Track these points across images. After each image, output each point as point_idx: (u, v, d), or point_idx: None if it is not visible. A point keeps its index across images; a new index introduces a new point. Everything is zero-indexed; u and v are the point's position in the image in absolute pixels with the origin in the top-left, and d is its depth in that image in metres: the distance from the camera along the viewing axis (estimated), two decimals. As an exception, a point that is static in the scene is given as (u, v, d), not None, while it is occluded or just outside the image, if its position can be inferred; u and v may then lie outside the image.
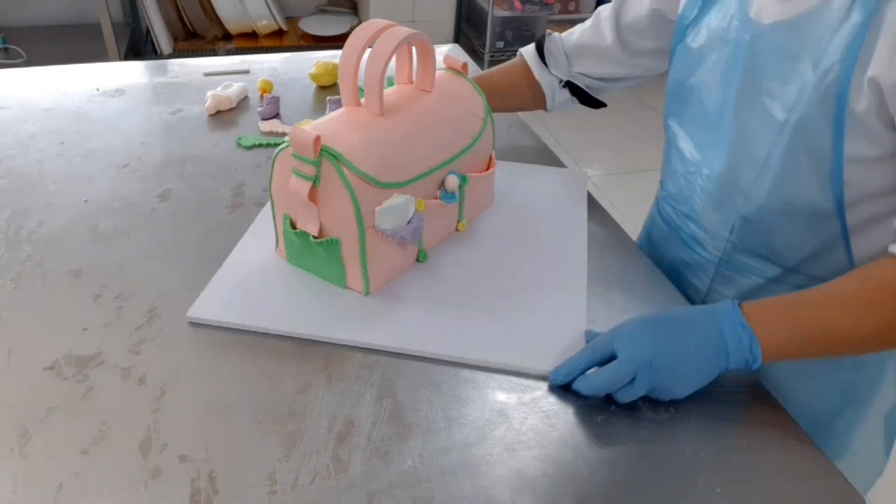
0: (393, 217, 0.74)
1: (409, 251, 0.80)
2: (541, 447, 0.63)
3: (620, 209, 2.26)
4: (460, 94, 0.85)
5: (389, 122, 0.76)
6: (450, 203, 0.82)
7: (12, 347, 0.70)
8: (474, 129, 0.85)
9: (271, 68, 1.29)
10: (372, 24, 0.75)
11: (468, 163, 0.85)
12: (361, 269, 0.75)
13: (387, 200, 0.74)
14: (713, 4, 0.79)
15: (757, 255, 0.81)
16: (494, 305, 0.77)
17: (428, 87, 0.82)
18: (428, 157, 0.79)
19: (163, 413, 0.64)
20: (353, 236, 0.72)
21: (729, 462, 0.63)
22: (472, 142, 0.84)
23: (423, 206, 0.78)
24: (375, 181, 0.72)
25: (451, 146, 0.82)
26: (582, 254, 0.85)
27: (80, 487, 0.57)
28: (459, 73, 0.87)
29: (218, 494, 0.57)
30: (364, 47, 0.74)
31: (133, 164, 1.00)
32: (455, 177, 0.82)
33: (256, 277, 0.79)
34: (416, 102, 0.81)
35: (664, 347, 0.65)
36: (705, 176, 0.82)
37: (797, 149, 0.71)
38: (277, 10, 3.08)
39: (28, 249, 0.83)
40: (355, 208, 0.70)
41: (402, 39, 0.74)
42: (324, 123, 0.74)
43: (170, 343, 0.71)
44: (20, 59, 2.65)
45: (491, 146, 0.90)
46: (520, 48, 1.05)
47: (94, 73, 1.24)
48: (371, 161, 0.72)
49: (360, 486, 0.59)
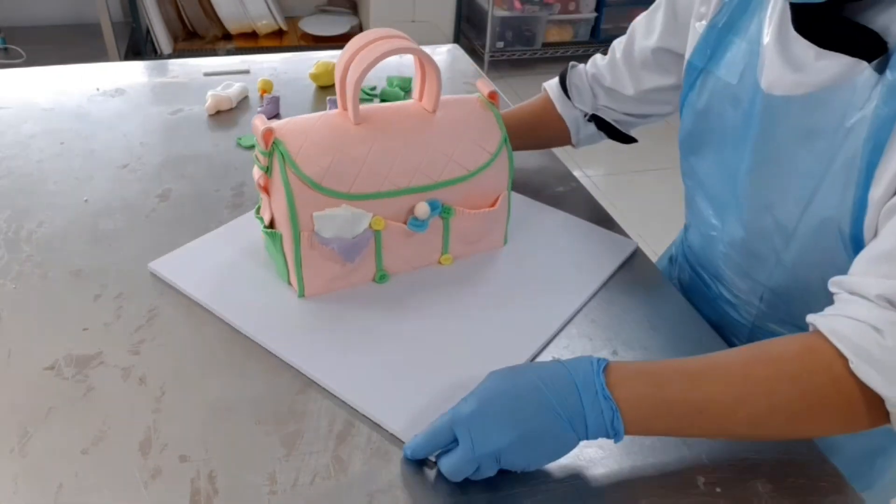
0: (333, 227, 0.72)
1: (356, 267, 0.76)
2: (541, 447, 0.63)
3: (621, 209, 2.26)
4: (469, 123, 0.78)
5: (362, 132, 0.73)
6: (416, 231, 0.76)
7: (12, 347, 0.70)
8: (475, 161, 0.77)
9: (271, 68, 1.29)
10: (373, 32, 0.74)
11: (462, 195, 0.78)
12: (296, 271, 0.75)
13: (330, 209, 0.71)
14: (722, 57, 0.73)
15: (792, 324, 0.76)
16: (400, 351, 0.71)
17: (430, 107, 0.77)
18: (397, 177, 0.73)
19: (163, 413, 0.64)
20: (289, 235, 0.72)
21: (729, 462, 0.63)
22: (469, 174, 0.77)
23: (382, 226, 0.74)
24: (317, 185, 0.70)
25: (434, 173, 0.75)
26: (550, 329, 0.75)
27: (80, 487, 0.57)
28: (489, 103, 0.80)
29: (218, 494, 0.57)
30: (357, 52, 0.73)
31: (133, 164, 1.00)
32: (426, 205, 0.75)
33: (225, 254, 0.82)
34: (408, 119, 0.76)
35: (510, 432, 0.55)
36: (727, 244, 0.78)
37: (823, 223, 0.65)
38: (277, 10, 3.08)
39: (28, 249, 0.83)
40: (290, 207, 0.70)
41: (386, 51, 0.71)
42: (297, 120, 0.74)
43: (170, 343, 0.71)
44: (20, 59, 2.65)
45: (502, 185, 0.81)
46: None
47: (94, 73, 1.24)
48: (317, 165, 0.70)
49: (360, 486, 0.59)
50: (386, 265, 0.79)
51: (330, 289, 0.77)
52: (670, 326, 0.77)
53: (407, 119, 0.76)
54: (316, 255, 0.74)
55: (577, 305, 0.78)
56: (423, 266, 0.82)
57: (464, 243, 0.82)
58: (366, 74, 0.71)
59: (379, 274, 0.79)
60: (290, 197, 0.70)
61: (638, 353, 0.73)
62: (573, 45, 3.39)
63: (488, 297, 0.79)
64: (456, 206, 0.78)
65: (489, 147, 0.78)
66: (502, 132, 0.80)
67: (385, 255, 0.78)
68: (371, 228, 0.74)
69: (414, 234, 0.77)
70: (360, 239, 0.74)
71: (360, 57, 0.72)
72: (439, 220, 0.78)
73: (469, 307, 0.77)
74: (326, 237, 0.72)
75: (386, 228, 0.75)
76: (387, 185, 0.73)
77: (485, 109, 0.80)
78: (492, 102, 0.80)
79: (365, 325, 0.74)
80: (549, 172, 1.04)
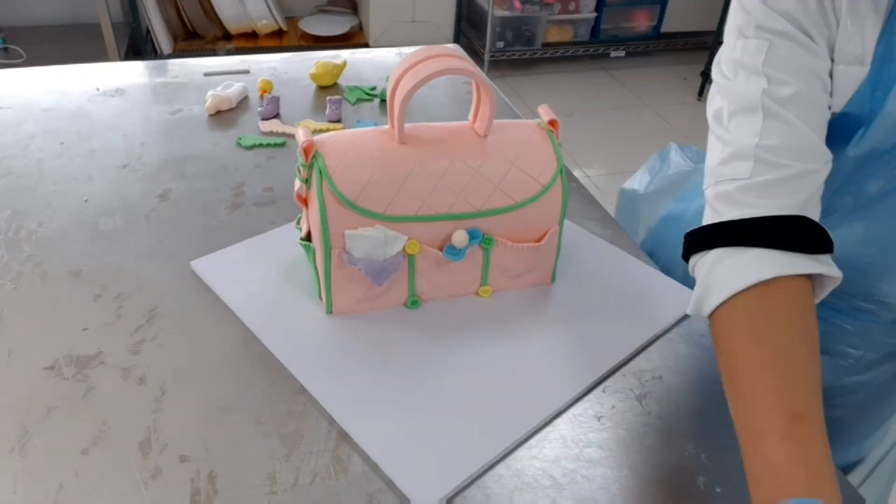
0: (365, 247, 0.70)
1: (386, 289, 0.74)
2: (540, 447, 0.63)
3: (620, 209, 2.26)
4: (523, 151, 0.73)
5: (405, 152, 0.70)
6: (453, 259, 0.73)
7: (12, 347, 0.70)
8: (524, 192, 0.72)
9: (271, 68, 1.29)
10: (429, 49, 0.71)
11: (506, 227, 0.74)
12: (326, 287, 0.73)
13: (363, 228, 0.70)
14: (876, 115, 0.63)
15: None
16: (420, 387, 0.67)
17: (482, 131, 0.73)
18: (437, 202, 0.70)
19: (163, 413, 0.64)
20: (321, 251, 0.71)
21: (729, 462, 0.63)
22: (515, 205, 0.72)
23: (417, 251, 0.72)
24: (351, 204, 0.68)
25: (477, 200, 0.71)
26: (584, 381, 0.69)
27: (80, 487, 0.57)
28: (548, 131, 0.75)
29: (218, 494, 0.57)
30: (410, 69, 0.69)
31: (133, 164, 1.00)
32: (465, 233, 0.72)
33: (265, 262, 0.81)
34: (455, 142, 0.72)
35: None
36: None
37: None
38: (277, 10, 3.08)
39: (28, 249, 0.83)
40: (322, 223, 0.69)
41: (438, 71, 0.67)
42: (341, 134, 0.72)
43: (170, 343, 0.71)
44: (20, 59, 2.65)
45: (553, 220, 0.76)
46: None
47: (94, 73, 1.24)
48: (354, 183, 0.68)
49: (360, 486, 0.59)
50: (419, 291, 0.76)
51: (358, 309, 0.75)
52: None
53: (454, 141, 0.73)
54: (345, 273, 0.72)
55: (621, 358, 0.72)
56: (460, 296, 0.78)
57: (505, 277, 0.78)
58: (414, 92, 0.68)
59: (411, 299, 0.76)
60: (324, 213, 0.68)
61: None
62: (573, 45, 3.39)
63: (524, 336, 0.74)
64: (498, 237, 0.74)
65: (542, 178, 0.73)
66: (559, 163, 0.74)
67: (418, 280, 0.75)
68: (405, 252, 0.72)
69: (449, 262, 0.73)
70: (391, 262, 0.71)
71: (411, 73, 0.69)
72: (479, 249, 0.74)
73: (501, 345, 0.72)
74: (357, 257, 0.70)
75: (420, 253, 0.72)
76: (425, 209, 0.70)
77: (543, 138, 0.75)
78: (551, 130, 0.75)
79: (389, 351, 0.71)
80: (549, 172, 1.04)
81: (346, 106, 1.17)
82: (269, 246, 0.84)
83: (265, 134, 1.09)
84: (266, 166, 1.00)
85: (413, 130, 0.72)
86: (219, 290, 0.77)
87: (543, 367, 0.70)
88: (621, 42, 3.47)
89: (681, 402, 0.68)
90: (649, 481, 0.61)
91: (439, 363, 0.70)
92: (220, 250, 0.83)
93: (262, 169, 1.00)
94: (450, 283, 0.76)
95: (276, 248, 0.83)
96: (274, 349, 0.70)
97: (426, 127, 0.74)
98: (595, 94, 3.28)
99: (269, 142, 1.06)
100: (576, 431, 0.65)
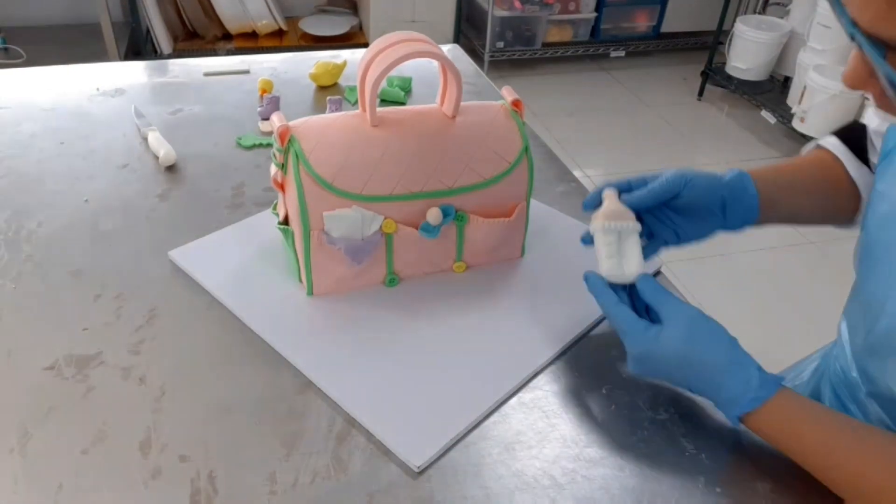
0: (342, 227, 0.72)
1: (365, 269, 0.76)
2: (540, 447, 0.63)
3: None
4: (489, 130, 0.76)
5: (378, 134, 0.73)
6: (428, 236, 0.75)
7: (12, 347, 0.70)
8: (493, 169, 0.76)
9: (271, 68, 1.29)
10: (396, 35, 0.73)
11: (477, 203, 0.77)
12: (305, 268, 0.75)
13: (340, 209, 0.72)
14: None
15: None
16: (402, 358, 0.70)
17: (450, 112, 0.76)
18: (411, 181, 0.73)
19: (163, 413, 0.64)
20: (300, 233, 0.73)
21: (729, 462, 0.63)
22: (485, 182, 0.76)
23: (393, 229, 0.74)
24: (328, 185, 0.70)
25: (449, 178, 0.74)
26: (555, 347, 0.73)
27: (80, 487, 0.57)
28: (512, 111, 0.78)
29: (218, 494, 0.57)
30: (379, 54, 0.72)
31: (133, 164, 1.00)
32: (438, 211, 0.74)
33: (243, 249, 0.83)
34: (425, 123, 0.75)
35: (677, 373, 0.63)
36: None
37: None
38: (277, 10, 3.08)
39: (28, 249, 0.83)
40: (301, 206, 0.71)
41: (407, 54, 0.70)
42: (315, 119, 0.75)
43: (170, 343, 0.71)
44: (20, 59, 2.65)
45: (521, 195, 0.79)
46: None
47: (94, 73, 1.24)
48: (330, 164, 0.71)
49: (360, 486, 0.59)
50: (396, 269, 0.78)
51: (338, 289, 0.77)
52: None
53: (425, 123, 0.76)
54: (324, 254, 0.74)
55: (587, 324, 0.76)
56: (436, 272, 0.81)
57: (478, 252, 0.81)
58: (384, 76, 0.71)
59: (389, 277, 0.78)
60: (301, 195, 0.71)
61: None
62: (573, 45, 3.39)
63: (497, 307, 0.77)
64: (471, 213, 0.77)
65: (508, 156, 0.77)
66: (524, 141, 0.78)
67: (396, 258, 0.77)
68: (382, 231, 0.74)
69: (424, 239, 0.76)
70: (369, 241, 0.74)
71: (380, 58, 0.71)
72: (453, 226, 0.77)
73: (476, 317, 0.76)
74: (336, 237, 0.72)
75: (397, 232, 0.75)
76: (399, 188, 0.73)
77: (507, 117, 0.78)
78: (515, 110, 0.79)
79: (370, 327, 0.74)
80: (548, 172, 1.04)
81: (346, 106, 1.17)
82: (246, 233, 0.86)
83: (265, 134, 1.09)
84: (266, 166, 1.00)
85: (383, 113, 0.75)
86: (199, 277, 0.78)
87: (516, 336, 0.74)
88: (621, 42, 3.47)
89: (681, 401, 0.68)
90: (649, 481, 0.61)
91: (418, 335, 0.73)
92: (197, 240, 0.84)
93: (262, 169, 1.00)
94: (426, 260, 0.80)
95: (254, 234, 0.85)
96: (259, 330, 0.72)
97: (395, 110, 0.77)
98: (595, 94, 3.28)
99: (269, 142, 1.06)
100: (576, 431, 0.65)
